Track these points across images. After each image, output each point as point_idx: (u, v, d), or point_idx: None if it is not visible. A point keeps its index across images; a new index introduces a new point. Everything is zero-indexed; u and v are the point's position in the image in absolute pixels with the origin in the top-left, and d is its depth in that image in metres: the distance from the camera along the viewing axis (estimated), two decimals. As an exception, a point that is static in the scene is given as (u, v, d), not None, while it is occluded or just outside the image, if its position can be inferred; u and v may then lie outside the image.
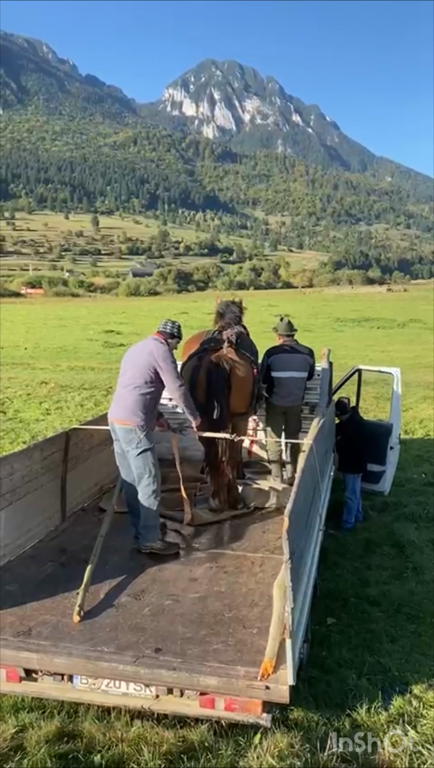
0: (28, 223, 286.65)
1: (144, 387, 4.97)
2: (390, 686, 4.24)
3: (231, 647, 3.55)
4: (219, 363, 5.67)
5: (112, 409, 5.10)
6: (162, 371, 5.00)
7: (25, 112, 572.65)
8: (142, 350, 5.16)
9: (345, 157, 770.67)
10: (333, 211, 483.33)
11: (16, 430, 11.55)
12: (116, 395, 5.17)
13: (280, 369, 6.56)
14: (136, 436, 4.90)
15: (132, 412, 4.91)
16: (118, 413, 5.00)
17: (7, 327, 38.43)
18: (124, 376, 5.11)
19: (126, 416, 4.93)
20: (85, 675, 3.52)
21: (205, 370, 5.67)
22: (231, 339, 5.81)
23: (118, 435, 5.02)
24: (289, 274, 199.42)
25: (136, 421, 4.90)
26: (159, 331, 5.32)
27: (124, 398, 4.99)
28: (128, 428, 4.91)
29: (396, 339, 31.85)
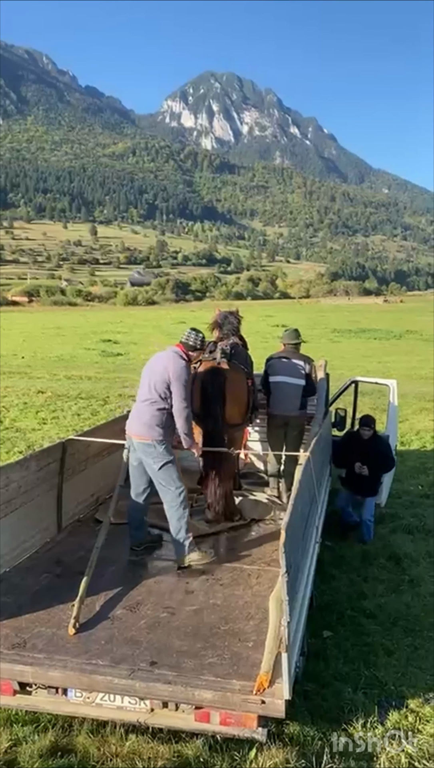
0: (27, 233, 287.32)
1: (160, 402, 4.90)
2: (387, 700, 4.22)
3: (226, 661, 3.53)
4: (214, 374, 5.68)
5: (130, 422, 5.05)
6: (173, 388, 4.90)
7: (25, 122, 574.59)
8: (160, 362, 5.06)
9: (342, 169, 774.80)
10: (330, 222, 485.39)
11: (12, 440, 11.52)
12: (134, 408, 5.11)
13: (275, 374, 6.59)
14: (154, 451, 4.86)
15: (149, 427, 4.86)
16: (136, 428, 4.95)
17: (4, 335, 38.41)
18: (142, 389, 5.05)
19: (143, 431, 4.88)
20: (80, 688, 3.49)
21: (199, 381, 5.68)
22: (225, 350, 5.81)
23: (136, 449, 4.98)
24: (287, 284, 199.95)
25: (154, 435, 4.85)
26: (181, 342, 5.18)
27: (141, 413, 4.94)
28: (147, 443, 4.87)
29: (392, 350, 31.92)
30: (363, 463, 6.94)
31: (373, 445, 7.01)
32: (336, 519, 7.30)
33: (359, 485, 7.06)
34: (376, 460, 6.98)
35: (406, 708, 4.16)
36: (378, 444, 7.10)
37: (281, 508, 5.84)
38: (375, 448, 7.01)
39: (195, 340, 5.16)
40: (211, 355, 5.82)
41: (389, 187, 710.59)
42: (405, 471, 9.68)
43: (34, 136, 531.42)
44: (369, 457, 6.93)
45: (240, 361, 5.96)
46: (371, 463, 6.94)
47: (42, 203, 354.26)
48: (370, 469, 6.94)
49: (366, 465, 6.95)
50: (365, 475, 6.98)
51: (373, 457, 6.95)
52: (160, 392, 4.90)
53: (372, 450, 6.98)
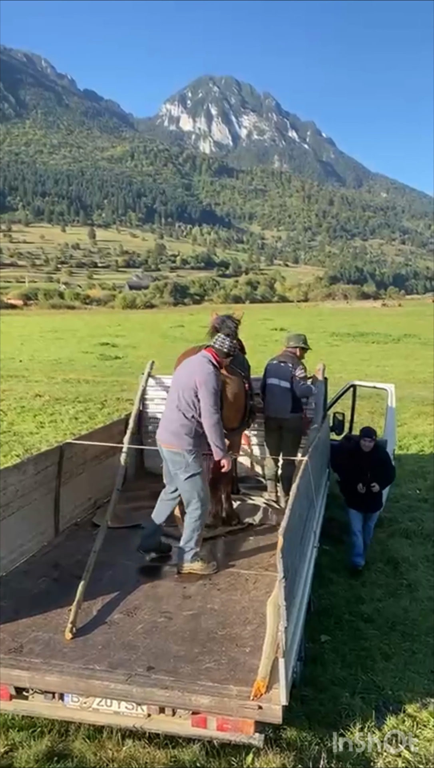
0: (25, 236, 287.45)
1: (189, 410, 4.80)
2: (384, 705, 4.21)
3: (223, 666, 3.53)
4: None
5: (160, 430, 5.00)
6: (200, 395, 4.76)
7: (23, 125, 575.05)
8: (188, 368, 4.95)
9: (340, 173, 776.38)
10: (328, 226, 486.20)
11: (9, 443, 11.50)
12: (164, 416, 5.04)
13: (268, 377, 6.62)
14: (183, 460, 4.79)
15: (178, 436, 4.80)
16: (165, 437, 4.90)
17: (2, 339, 38.38)
18: (171, 396, 4.97)
19: (172, 440, 4.82)
20: (77, 693, 3.49)
21: None
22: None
23: (165, 457, 4.95)
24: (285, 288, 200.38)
25: (183, 445, 4.78)
26: (213, 347, 5.05)
27: (170, 421, 4.87)
28: (175, 452, 4.82)
29: (391, 354, 31.90)
30: (364, 476, 6.50)
31: (375, 458, 6.63)
32: (334, 524, 7.30)
33: (364, 502, 6.64)
34: (378, 473, 6.59)
35: (404, 713, 4.15)
36: (380, 456, 6.74)
37: (279, 512, 5.83)
38: (377, 461, 6.63)
39: (229, 346, 5.05)
40: None
41: (387, 190, 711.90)
42: (403, 475, 9.67)
43: (32, 140, 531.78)
44: (370, 470, 6.55)
45: (237, 365, 5.96)
46: (373, 476, 6.53)
47: (40, 206, 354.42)
48: (372, 482, 6.51)
49: (367, 478, 6.50)
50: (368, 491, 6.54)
51: (375, 470, 6.57)
52: (188, 400, 4.80)
53: (374, 463, 6.59)
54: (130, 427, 6.65)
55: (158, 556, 5.15)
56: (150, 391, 7.54)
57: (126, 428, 6.69)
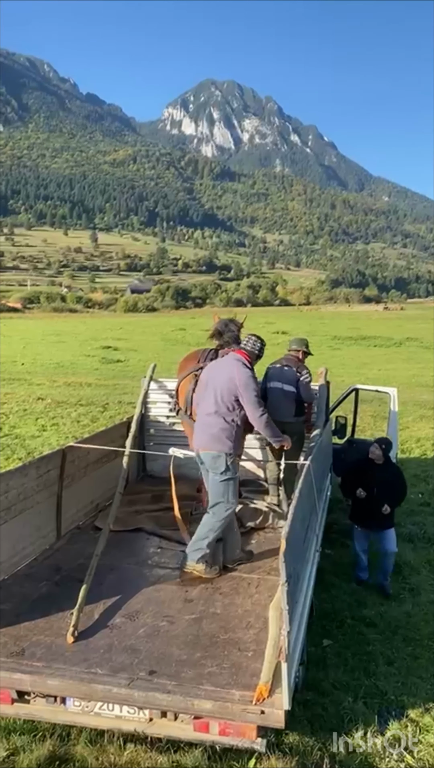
0: (27, 239, 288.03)
1: (228, 414, 4.83)
2: (387, 710, 4.20)
3: (226, 670, 3.52)
4: None
5: (197, 437, 4.97)
6: (243, 399, 4.81)
7: (26, 129, 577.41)
8: (223, 372, 4.94)
9: (342, 177, 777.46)
10: (330, 229, 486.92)
11: (11, 447, 11.51)
12: (199, 422, 5.02)
13: (270, 380, 6.59)
14: (222, 463, 4.80)
15: (219, 440, 4.80)
16: (204, 442, 4.88)
17: (4, 342, 38.45)
18: (207, 401, 4.94)
19: (212, 444, 4.82)
20: (79, 697, 3.47)
21: (200, 389, 5.68)
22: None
23: (203, 461, 4.93)
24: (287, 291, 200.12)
25: (224, 448, 4.80)
26: (243, 349, 5.11)
27: (209, 425, 4.86)
28: (214, 454, 4.81)
29: (393, 357, 31.94)
30: (375, 492, 6.00)
31: (385, 471, 6.12)
32: (336, 527, 7.29)
33: (372, 519, 6.10)
34: (390, 488, 6.06)
35: (406, 718, 4.14)
36: (391, 470, 6.24)
37: (281, 516, 5.82)
38: (389, 475, 6.12)
39: (260, 349, 5.19)
40: (212, 362, 5.83)
41: (389, 194, 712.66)
42: (406, 479, 9.63)
43: (35, 144, 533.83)
44: (378, 485, 6.02)
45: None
46: (380, 491, 6.01)
47: (43, 210, 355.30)
48: (383, 499, 5.98)
49: (382, 494, 5.99)
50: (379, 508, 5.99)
51: (384, 485, 6.03)
52: (227, 404, 4.83)
53: (385, 477, 6.07)
54: (132, 431, 6.64)
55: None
56: (152, 395, 7.54)
57: (128, 431, 6.69)
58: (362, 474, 6.15)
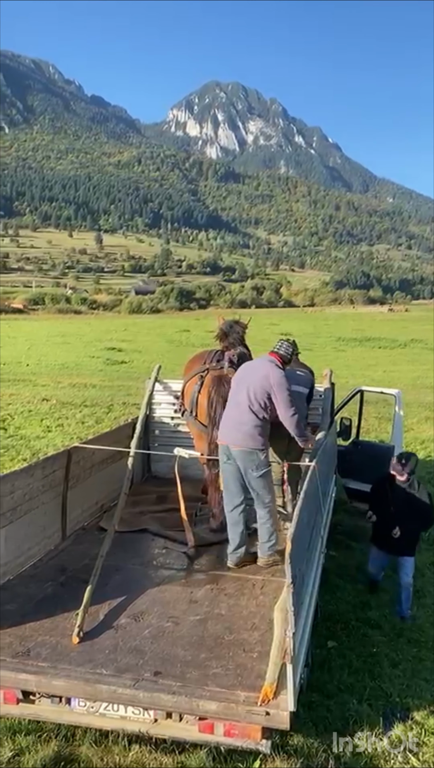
0: (32, 241, 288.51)
1: (261, 412, 4.99)
2: (391, 712, 4.19)
3: (231, 671, 3.52)
4: (220, 384, 5.68)
5: (227, 433, 5.06)
6: (275, 399, 5.00)
7: (31, 131, 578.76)
8: (258, 372, 5.12)
9: (347, 179, 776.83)
10: (334, 231, 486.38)
11: (16, 447, 11.53)
12: (230, 418, 5.11)
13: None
14: (257, 458, 4.94)
15: (251, 437, 4.94)
16: (238, 439, 4.97)
17: (9, 343, 38.52)
18: (239, 396, 5.07)
19: (246, 441, 4.94)
20: (84, 698, 3.48)
21: (206, 390, 5.68)
22: (232, 359, 5.82)
23: (235, 457, 4.99)
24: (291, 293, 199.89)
25: (257, 444, 4.94)
26: (276, 352, 5.28)
27: (242, 423, 4.97)
28: (249, 451, 4.93)
29: (397, 359, 31.88)
30: (398, 514, 5.53)
31: (408, 492, 5.60)
32: (341, 529, 7.27)
33: (388, 542, 5.67)
34: (411, 510, 5.54)
35: (411, 720, 4.14)
36: (415, 490, 5.64)
37: (285, 518, 5.82)
38: (410, 496, 5.58)
39: (292, 353, 5.40)
40: (218, 364, 5.84)
41: (394, 196, 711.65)
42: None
43: (40, 145, 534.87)
44: (398, 506, 5.55)
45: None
46: (400, 513, 5.53)
47: (47, 211, 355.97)
48: (401, 521, 5.51)
49: (400, 516, 5.52)
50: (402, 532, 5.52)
51: (407, 507, 5.53)
52: (260, 402, 4.98)
53: (407, 497, 5.57)
54: (138, 432, 6.66)
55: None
56: (156, 396, 7.55)
57: (133, 432, 6.70)
58: (382, 492, 5.72)
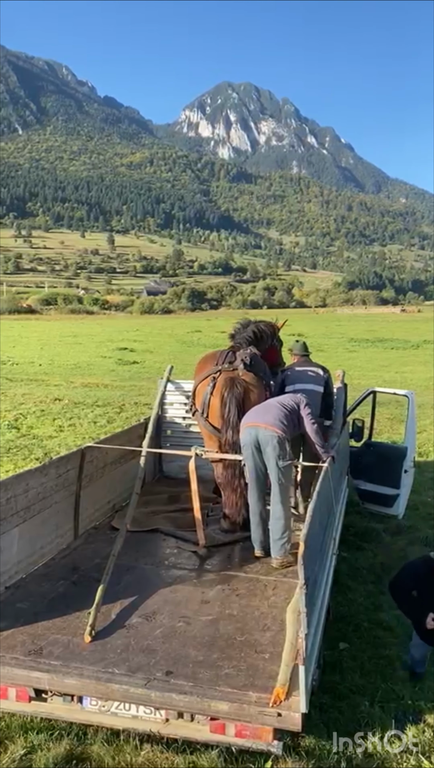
0: (45, 241, 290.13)
1: (292, 414, 5.26)
2: (404, 714, 4.16)
3: (243, 672, 3.51)
4: (233, 385, 5.67)
5: (255, 416, 5.20)
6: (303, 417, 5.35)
7: (44, 132, 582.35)
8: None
9: (359, 179, 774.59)
10: (347, 231, 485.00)
11: (29, 447, 11.59)
12: (261, 405, 5.38)
13: (294, 382, 6.57)
14: (285, 447, 5.01)
15: (281, 423, 5.07)
16: (267, 419, 5.11)
17: (22, 343, 38.74)
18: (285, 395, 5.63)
19: (276, 424, 5.04)
20: (96, 696, 3.49)
21: (218, 392, 5.68)
22: (245, 360, 5.81)
23: (261, 442, 5.04)
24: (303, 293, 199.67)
25: (286, 433, 5.05)
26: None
27: (272, 407, 5.25)
28: (278, 436, 4.98)
29: (410, 360, 31.68)
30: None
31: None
32: (352, 530, 7.24)
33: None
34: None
35: (423, 722, 4.10)
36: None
37: (298, 519, 5.81)
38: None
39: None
40: (231, 365, 5.84)
41: (406, 196, 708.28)
42: (424, 482, 9.58)
43: (53, 146, 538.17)
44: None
45: (259, 371, 5.96)
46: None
47: (60, 212, 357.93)
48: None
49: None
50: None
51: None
52: (290, 407, 5.31)
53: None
54: (150, 432, 6.67)
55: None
56: (168, 396, 7.57)
57: (145, 432, 6.72)
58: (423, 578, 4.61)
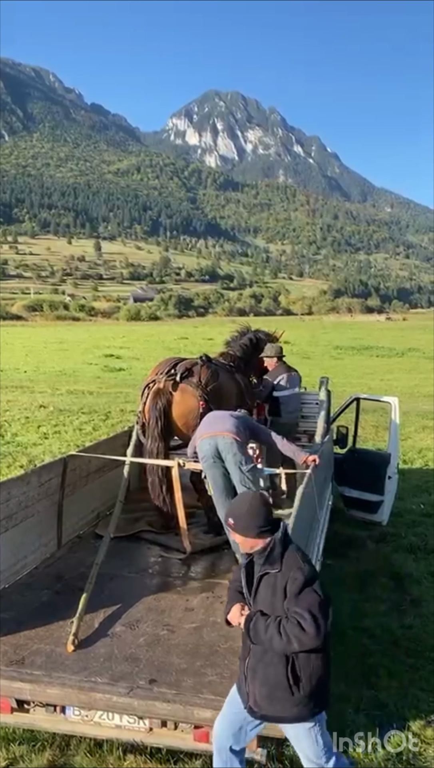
0: (31, 247, 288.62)
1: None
2: (388, 722, 4.17)
3: (226, 679, 3.50)
4: (156, 397, 5.85)
5: (211, 424, 5.27)
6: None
7: (31, 138, 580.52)
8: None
9: (345, 188, 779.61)
10: (333, 240, 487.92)
11: (13, 454, 11.51)
12: (214, 415, 5.45)
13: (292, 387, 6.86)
14: (244, 452, 5.11)
15: (237, 430, 5.14)
16: (225, 426, 5.20)
17: (7, 350, 38.53)
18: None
19: (233, 432, 5.12)
20: (78, 706, 3.46)
21: (147, 402, 5.91)
22: (179, 372, 5.97)
23: (221, 450, 5.10)
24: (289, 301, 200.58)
25: (243, 439, 5.15)
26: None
27: (228, 416, 5.33)
28: (238, 442, 5.07)
29: (395, 368, 31.92)
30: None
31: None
32: (337, 538, 7.26)
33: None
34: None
35: (408, 730, 4.11)
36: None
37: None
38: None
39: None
40: (167, 375, 5.99)
41: (392, 205, 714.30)
42: (408, 489, 9.65)
43: (39, 153, 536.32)
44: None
45: (223, 383, 6.11)
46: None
47: (46, 219, 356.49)
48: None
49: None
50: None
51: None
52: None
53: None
54: (134, 440, 6.65)
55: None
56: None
57: (129, 440, 6.69)
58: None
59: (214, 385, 6.06)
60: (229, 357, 6.77)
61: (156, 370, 6.20)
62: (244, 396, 6.64)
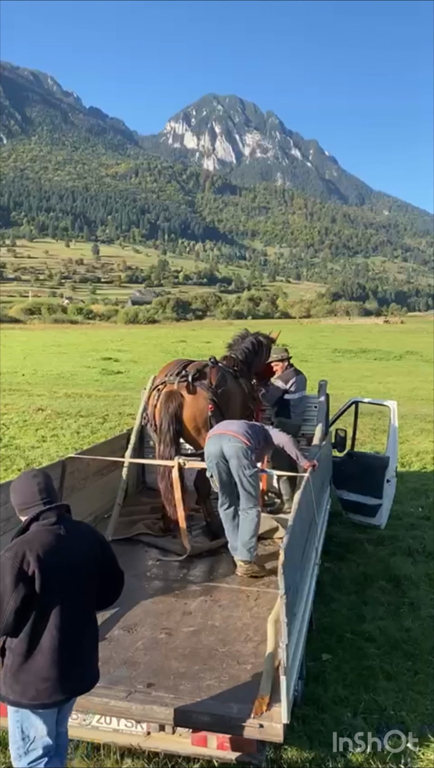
0: (29, 251, 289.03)
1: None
2: (386, 725, 4.16)
3: (224, 683, 3.50)
4: (168, 399, 5.80)
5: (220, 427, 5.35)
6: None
7: (29, 141, 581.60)
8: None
9: (343, 191, 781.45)
10: (331, 243, 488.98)
11: (11, 457, 11.49)
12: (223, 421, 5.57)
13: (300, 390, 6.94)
14: (249, 457, 5.09)
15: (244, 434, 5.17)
16: (230, 428, 5.26)
17: (5, 353, 38.49)
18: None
19: (239, 435, 5.13)
20: (76, 710, 3.44)
21: (158, 404, 5.87)
22: (192, 373, 5.94)
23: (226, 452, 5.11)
24: (287, 304, 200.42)
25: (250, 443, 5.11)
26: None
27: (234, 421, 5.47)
28: (243, 446, 5.06)
29: (393, 371, 31.90)
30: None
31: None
32: (335, 541, 7.25)
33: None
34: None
35: (406, 734, 4.10)
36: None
37: (280, 528, 5.81)
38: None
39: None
40: (178, 377, 5.97)
41: (389, 208, 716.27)
42: (406, 492, 9.64)
43: (37, 156, 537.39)
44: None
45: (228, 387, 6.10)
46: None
47: (45, 222, 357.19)
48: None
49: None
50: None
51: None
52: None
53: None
54: (132, 442, 6.65)
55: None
56: (152, 406, 7.54)
57: (128, 443, 6.69)
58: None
59: (223, 389, 6.05)
60: (232, 361, 6.73)
61: (165, 371, 6.17)
62: (248, 401, 6.63)
